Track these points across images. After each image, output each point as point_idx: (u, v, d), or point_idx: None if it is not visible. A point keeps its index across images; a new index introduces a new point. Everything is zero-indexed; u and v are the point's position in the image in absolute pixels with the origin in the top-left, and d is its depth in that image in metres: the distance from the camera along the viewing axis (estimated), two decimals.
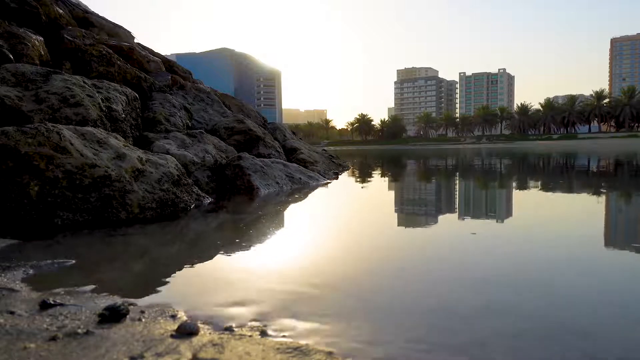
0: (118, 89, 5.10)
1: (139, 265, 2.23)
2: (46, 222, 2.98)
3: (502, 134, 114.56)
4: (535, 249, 2.45)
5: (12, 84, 4.12)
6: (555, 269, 2.05)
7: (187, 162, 4.87)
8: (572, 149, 26.71)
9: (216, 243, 2.72)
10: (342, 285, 1.83)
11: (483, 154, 22.33)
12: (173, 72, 8.42)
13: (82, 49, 5.67)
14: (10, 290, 1.71)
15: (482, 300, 1.64)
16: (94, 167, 3.25)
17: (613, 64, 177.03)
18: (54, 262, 2.11)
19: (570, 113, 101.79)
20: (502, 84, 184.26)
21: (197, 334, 1.31)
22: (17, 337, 1.28)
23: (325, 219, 3.70)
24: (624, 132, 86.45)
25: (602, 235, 2.91)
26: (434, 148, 49.79)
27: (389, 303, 1.62)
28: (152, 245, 2.64)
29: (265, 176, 5.42)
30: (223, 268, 2.15)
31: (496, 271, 2.03)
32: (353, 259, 2.28)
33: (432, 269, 2.09)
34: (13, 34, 4.91)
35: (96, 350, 1.19)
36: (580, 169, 9.55)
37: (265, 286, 1.82)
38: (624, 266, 2.13)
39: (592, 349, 1.25)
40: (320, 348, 1.24)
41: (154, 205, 3.48)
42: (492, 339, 1.31)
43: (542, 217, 3.55)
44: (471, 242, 2.66)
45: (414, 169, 10.67)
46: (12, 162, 2.98)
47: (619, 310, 1.54)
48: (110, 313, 1.41)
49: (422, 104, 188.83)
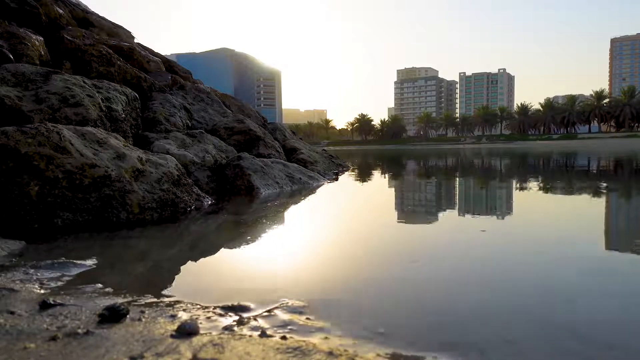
0: (118, 89, 5.10)
1: (139, 265, 2.23)
2: (46, 222, 2.98)
3: (502, 134, 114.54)
4: (536, 248, 2.45)
5: (12, 84, 4.12)
6: (555, 268, 2.05)
7: (187, 162, 4.87)
8: (572, 149, 26.71)
9: (216, 244, 2.72)
10: (342, 286, 1.83)
11: (483, 154, 22.32)
12: (173, 72, 8.42)
13: (82, 49, 5.67)
14: (10, 290, 1.71)
15: (482, 300, 1.64)
16: (94, 167, 3.25)
17: (613, 64, 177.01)
18: (54, 262, 2.11)
19: (570, 113, 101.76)
20: (502, 84, 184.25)
21: (197, 334, 1.31)
22: (17, 337, 1.27)
23: (326, 220, 3.70)
24: (624, 132, 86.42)
25: (604, 235, 2.91)
26: (434, 148, 49.78)
27: (390, 303, 1.62)
28: (152, 246, 2.64)
29: (265, 176, 5.42)
30: (223, 268, 2.15)
31: (499, 271, 2.03)
32: (354, 260, 2.28)
33: (432, 269, 2.09)
34: (13, 34, 4.91)
35: (96, 350, 1.19)
36: (581, 168, 9.55)
37: (265, 286, 1.81)
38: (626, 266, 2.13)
39: (592, 350, 1.25)
40: (320, 348, 1.24)
41: (154, 206, 3.48)
42: (497, 340, 1.31)
43: (542, 217, 3.55)
44: (473, 241, 2.66)
45: (414, 169, 10.67)
46: (12, 162, 2.98)
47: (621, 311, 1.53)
48: (110, 313, 1.41)
49: (422, 104, 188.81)
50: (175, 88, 7.33)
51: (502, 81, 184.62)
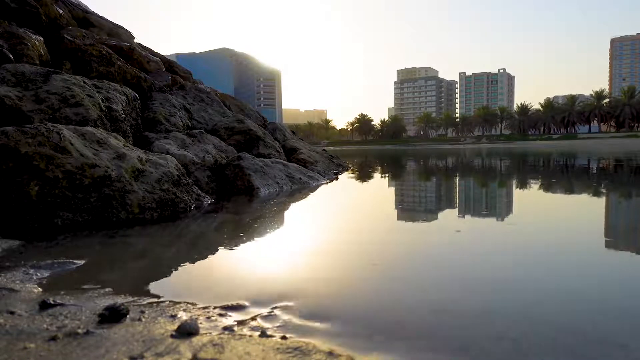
0: (118, 89, 5.10)
1: (139, 265, 2.23)
2: (46, 222, 2.98)
3: (502, 134, 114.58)
4: (537, 248, 2.45)
5: (12, 84, 4.11)
6: (553, 267, 2.05)
7: (187, 162, 4.87)
8: (572, 149, 26.71)
9: (216, 243, 2.72)
10: (342, 285, 1.83)
11: (483, 153, 22.32)
12: (173, 72, 8.42)
13: (82, 49, 5.67)
14: (10, 290, 1.71)
15: (482, 300, 1.64)
16: (94, 167, 3.25)
17: (613, 64, 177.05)
18: (53, 262, 2.11)
19: (570, 113, 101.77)
20: (502, 84, 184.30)
21: (197, 334, 1.31)
22: (17, 337, 1.27)
23: (326, 219, 3.70)
24: (624, 132, 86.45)
25: (605, 235, 2.91)
26: (434, 148, 49.79)
27: (390, 303, 1.62)
28: (152, 246, 2.64)
29: (265, 176, 5.42)
30: (223, 268, 2.15)
31: (499, 271, 2.03)
32: (353, 260, 2.28)
33: (432, 269, 2.09)
34: (13, 34, 4.91)
35: (96, 350, 1.19)
36: (581, 168, 9.55)
37: (266, 286, 1.81)
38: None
39: (593, 349, 1.25)
40: (320, 348, 1.24)
41: (154, 205, 3.48)
42: (494, 340, 1.31)
43: (542, 216, 3.55)
44: (473, 241, 2.66)
45: (414, 169, 10.67)
46: (12, 162, 2.98)
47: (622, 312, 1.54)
48: (110, 313, 1.41)
49: (422, 104, 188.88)
50: (175, 88, 7.33)
51: (502, 81, 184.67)
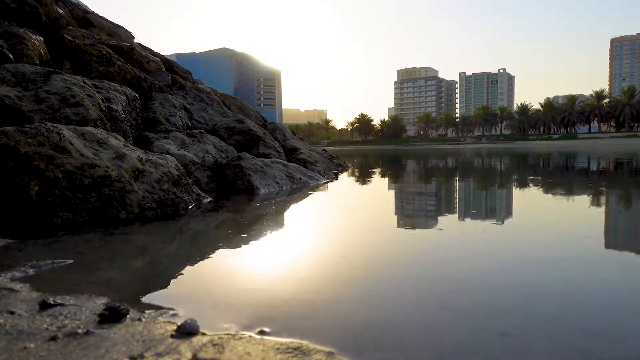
0: (118, 89, 5.10)
1: (139, 265, 2.23)
2: (46, 222, 2.98)
3: (502, 134, 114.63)
4: (537, 248, 2.45)
5: (12, 84, 4.11)
6: (553, 266, 2.05)
7: (187, 162, 4.87)
8: (572, 149, 26.70)
9: (216, 243, 2.72)
10: (342, 286, 1.83)
11: (483, 153, 22.32)
12: (173, 72, 8.43)
13: (82, 49, 5.66)
14: (10, 290, 1.71)
15: (481, 300, 1.64)
16: (94, 167, 3.25)
17: (613, 64, 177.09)
18: (54, 262, 2.11)
19: (570, 113, 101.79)
20: (502, 84, 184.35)
21: (197, 334, 1.31)
22: (17, 337, 1.27)
23: (326, 219, 3.70)
24: (624, 132, 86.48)
25: (605, 235, 2.91)
26: (434, 148, 49.78)
27: (389, 303, 1.62)
28: (152, 246, 2.64)
29: (265, 176, 5.42)
30: (223, 268, 2.15)
31: (499, 272, 2.03)
32: (353, 260, 2.28)
33: (432, 269, 2.09)
34: (13, 34, 4.91)
35: (96, 350, 1.19)
36: (581, 168, 9.55)
37: (266, 286, 1.81)
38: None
39: (592, 349, 1.25)
40: (320, 348, 1.24)
41: (154, 205, 3.48)
42: (491, 338, 1.31)
43: (542, 216, 3.55)
44: (473, 242, 2.66)
45: (414, 169, 10.67)
46: (12, 162, 2.98)
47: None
48: (110, 313, 1.41)
49: (422, 104, 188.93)
50: (175, 88, 7.33)
51: (502, 81, 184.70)
